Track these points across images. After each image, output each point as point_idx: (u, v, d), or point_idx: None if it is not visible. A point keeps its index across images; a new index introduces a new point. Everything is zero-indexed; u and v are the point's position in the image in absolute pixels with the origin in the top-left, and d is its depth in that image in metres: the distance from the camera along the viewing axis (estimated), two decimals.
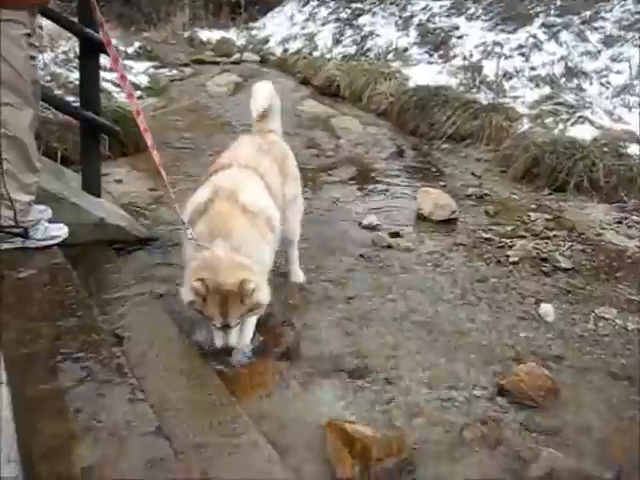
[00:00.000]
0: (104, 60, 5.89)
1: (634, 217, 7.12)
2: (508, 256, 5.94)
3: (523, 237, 6.46)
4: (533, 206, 7.48)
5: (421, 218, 6.85)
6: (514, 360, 4.31)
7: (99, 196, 6.13)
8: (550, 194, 7.82)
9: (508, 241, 6.30)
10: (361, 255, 5.85)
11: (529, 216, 7.07)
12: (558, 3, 12.73)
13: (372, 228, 6.49)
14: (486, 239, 6.37)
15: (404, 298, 5.09)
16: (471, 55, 12.46)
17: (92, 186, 6.07)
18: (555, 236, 6.53)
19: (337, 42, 15.85)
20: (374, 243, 6.11)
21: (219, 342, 3.84)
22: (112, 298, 4.77)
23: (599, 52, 11.33)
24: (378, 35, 15.09)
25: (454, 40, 13.37)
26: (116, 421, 3.02)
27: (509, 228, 6.72)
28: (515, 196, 7.85)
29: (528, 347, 4.51)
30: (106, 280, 5.17)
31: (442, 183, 8.20)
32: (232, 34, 21.00)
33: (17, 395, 3.04)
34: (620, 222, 7.01)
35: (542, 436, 3.64)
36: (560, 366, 4.32)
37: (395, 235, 6.33)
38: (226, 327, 3.78)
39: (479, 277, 5.54)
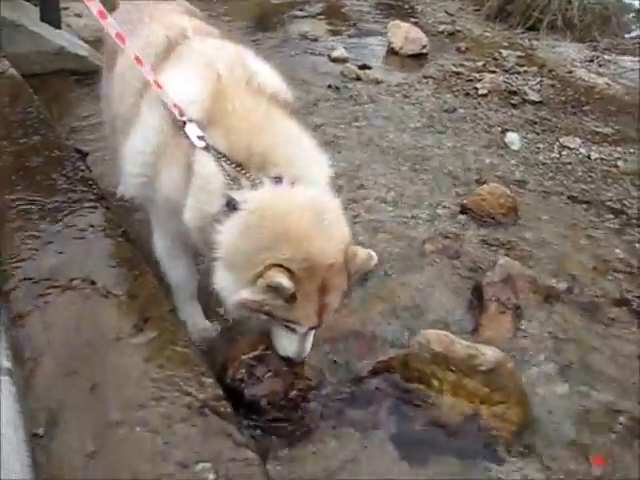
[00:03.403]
0: None
1: (606, 56, 7.08)
2: (477, 89, 5.91)
3: (493, 72, 6.41)
4: (505, 44, 7.38)
5: (391, 52, 6.75)
6: (477, 182, 4.38)
7: (59, 27, 5.94)
8: (523, 32, 7.71)
9: (477, 75, 6.25)
10: (329, 86, 5.79)
11: (500, 53, 6.98)
12: None
13: (341, 61, 6.39)
14: (456, 73, 6.31)
15: (371, 126, 5.09)
16: None
17: (51, 17, 5.88)
18: (525, 72, 6.48)
19: None
20: (343, 75, 6.04)
21: (296, 351, 2.47)
22: (75, 125, 4.73)
23: None
24: None
25: None
26: (83, 226, 3.03)
27: (480, 63, 6.65)
28: (488, 34, 7.72)
29: (492, 172, 4.58)
30: (69, 108, 5.11)
31: (414, 20, 7.99)
32: None
33: None
34: (592, 60, 6.96)
35: (501, 250, 3.76)
36: (522, 189, 4.41)
37: (364, 67, 6.25)
38: (314, 329, 2.45)
39: (447, 107, 5.53)
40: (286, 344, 2.45)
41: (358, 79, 5.97)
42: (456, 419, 2.59)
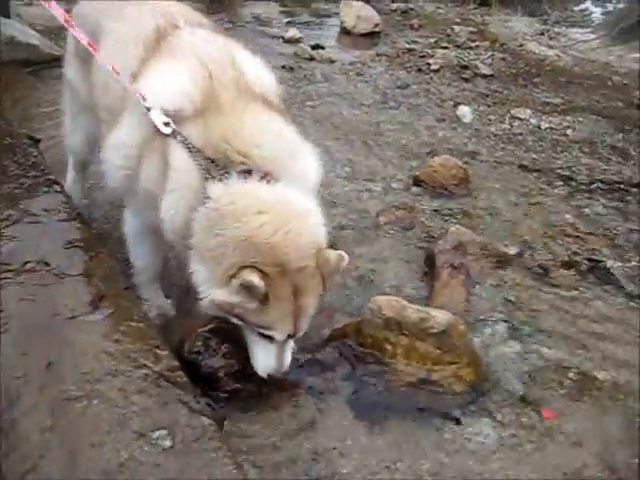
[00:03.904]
0: None
1: (556, 28, 7.22)
2: (429, 64, 6.00)
3: (446, 48, 6.51)
4: (458, 20, 7.48)
5: (344, 32, 6.81)
6: (430, 155, 4.44)
7: (8, 17, 5.87)
8: (475, 8, 7.85)
9: (430, 51, 6.34)
10: (283, 66, 5.80)
11: (453, 29, 7.08)
12: None
13: (295, 41, 6.43)
14: (408, 50, 6.39)
15: (325, 104, 5.15)
16: None
17: (1, 6, 5.79)
18: (477, 47, 6.59)
19: None
20: (297, 55, 6.09)
21: (275, 366, 2.41)
22: (27, 113, 4.71)
23: None
24: None
25: None
26: (36, 211, 3.02)
27: (432, 40, 6.74)
28: (440, 10, 7.83)
29: (445, 144, 4.67)
30: (20, 96, 5.06)
31: None
32: None
33: None
34: (542, 34, 7.09)
35: (454, 219, 3.84)
36: (474, 160, 4.50)
37: (317, 47, 6.30)
38: (291, 337, 2.40)
39: (400, 84, 5.61)
40: (263, 359, 2.39)
41: (312, 59, 6.02)
42: (410, 381, 2.67)
